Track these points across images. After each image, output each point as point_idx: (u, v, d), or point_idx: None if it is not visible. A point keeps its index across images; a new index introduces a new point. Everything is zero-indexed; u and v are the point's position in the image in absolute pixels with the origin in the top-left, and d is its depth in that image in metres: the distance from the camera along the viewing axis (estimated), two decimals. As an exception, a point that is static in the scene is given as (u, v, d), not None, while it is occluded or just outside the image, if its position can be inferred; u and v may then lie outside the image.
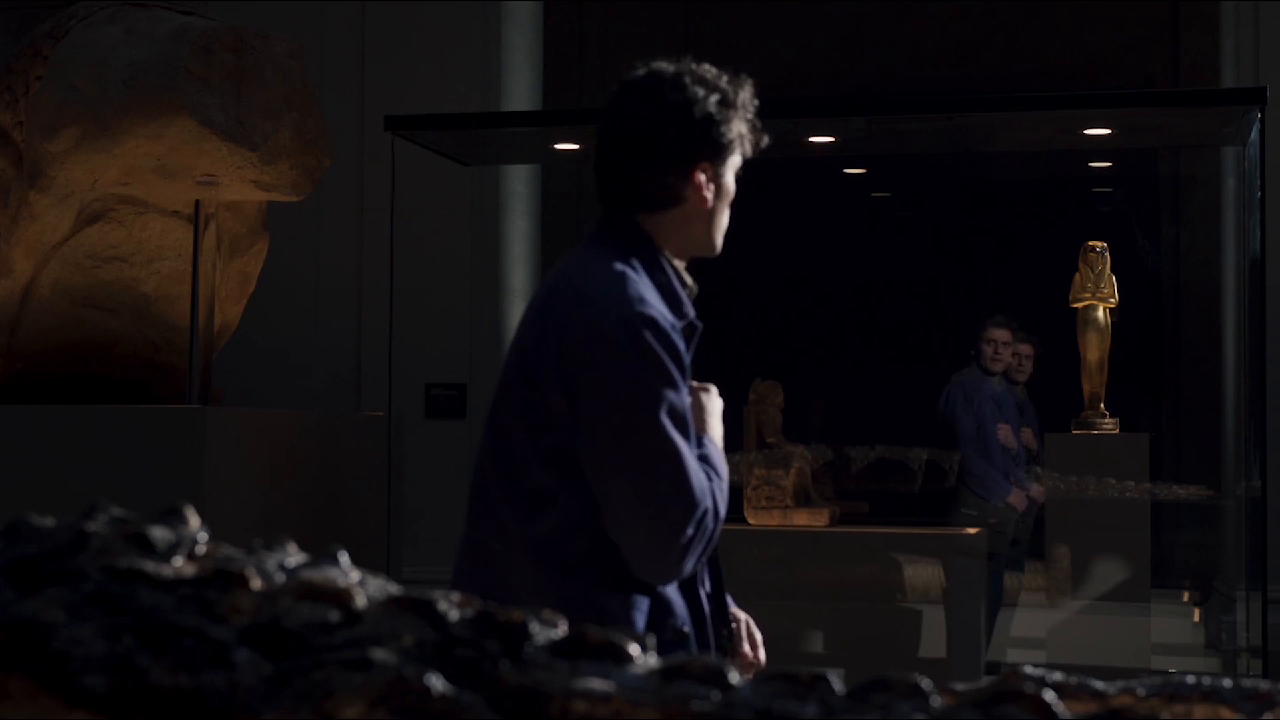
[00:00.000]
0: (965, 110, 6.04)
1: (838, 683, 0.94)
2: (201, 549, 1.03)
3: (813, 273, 9.55)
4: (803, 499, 5.99)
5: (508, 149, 7.12)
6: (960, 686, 0.96)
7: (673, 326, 2.21)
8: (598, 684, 0.92)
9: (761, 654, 2.48)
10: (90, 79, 4.50)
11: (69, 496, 4.03)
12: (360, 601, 0.98)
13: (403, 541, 5.64)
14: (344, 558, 1.04)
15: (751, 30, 9.31)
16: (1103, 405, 6.39)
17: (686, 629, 2.26)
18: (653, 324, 2.18)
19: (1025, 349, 6.98)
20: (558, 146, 6.99)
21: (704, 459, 2.24)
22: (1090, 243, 6.46)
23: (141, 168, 4.58)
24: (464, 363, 7.31)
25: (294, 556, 1.04)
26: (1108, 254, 6.44)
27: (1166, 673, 2.10)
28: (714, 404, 2.37)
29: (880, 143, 6.53)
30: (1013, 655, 6.61)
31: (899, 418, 7.83)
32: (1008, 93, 7.38)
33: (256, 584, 0.99)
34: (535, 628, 0.97)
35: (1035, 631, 6.55)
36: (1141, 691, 0.96)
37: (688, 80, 2.29)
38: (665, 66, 2.32)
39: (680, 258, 2.35)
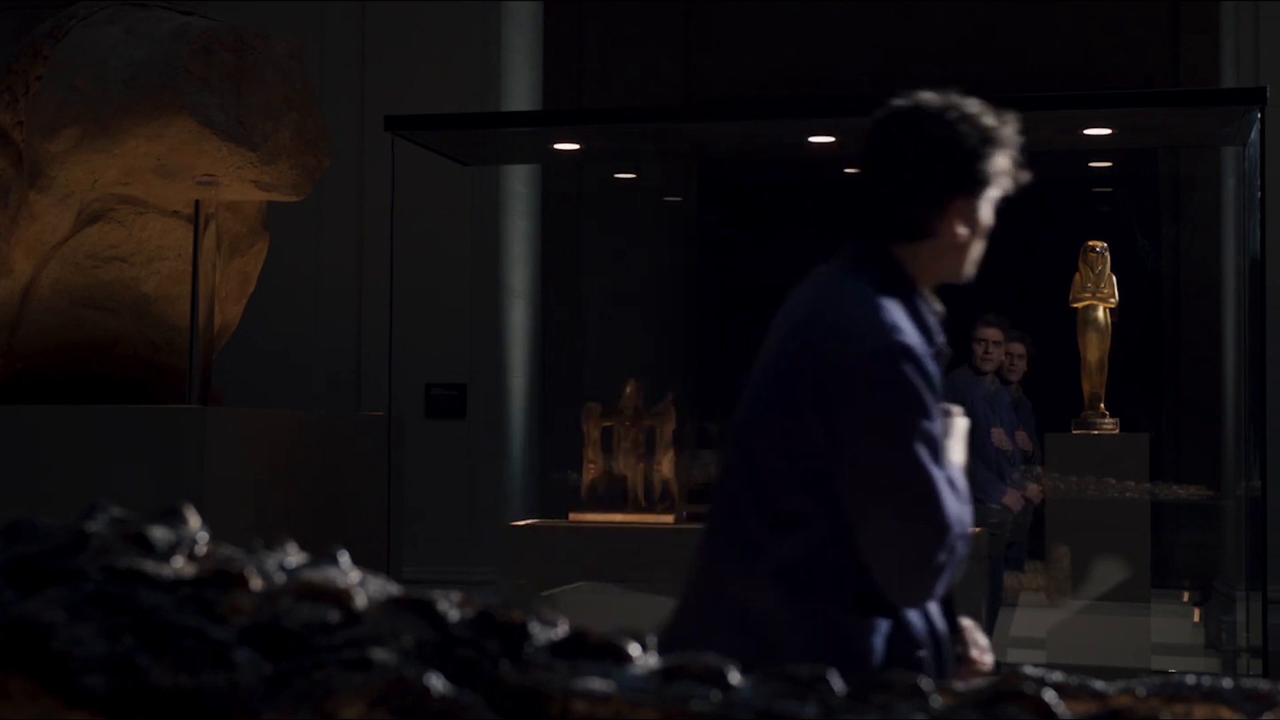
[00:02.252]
0: (965, 110, 6.02)
1: (838, 683, 0.94)
2: (201, 549, 1.03)
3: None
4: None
5: (508, 149, 7.11)
6: (960, 686, 0.96)
7: (926, 354, 2.25)
8: (598, 684, 0.92)
9: (989, 657, 2.51)
10: (90, 79, 4.49)
11: (69, 496, 4.04)
12: (360, 601, 0.98)
13: (403, 541, 5.64)
14: (344, 558, 1.04)
15: (751, 30, 9.31)
16: (1103, 405, 6.39)
17: (923, 653, 2.30)
18: (908, 352, 2.22)
19: (1017, 348, 6.97)
20: (558, 146, 6.99)
21: (950, 482, 2.28)
22: (1090, 243, 6.46)
23: (141, 168, 4.58)
24: (464, 363, 7.30)
25: (294, 556, 1.04)
26: (1108, 254, 6.43)
27: (1166, 673, 2.10)
28: (958, 426, 2.41)
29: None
30: (1013, 655, 6.60)
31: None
32: (1008, 93, 7.36)
33: (256, 584, 0.99)
34: (535, 628, 0.97)
35: (1035, 631, 6.54)
36: (1141, 691, 0.96)
37: (953, 115, 2.33)
38: (931, 98, 2.35)
39: (927, 285, 2.38)
